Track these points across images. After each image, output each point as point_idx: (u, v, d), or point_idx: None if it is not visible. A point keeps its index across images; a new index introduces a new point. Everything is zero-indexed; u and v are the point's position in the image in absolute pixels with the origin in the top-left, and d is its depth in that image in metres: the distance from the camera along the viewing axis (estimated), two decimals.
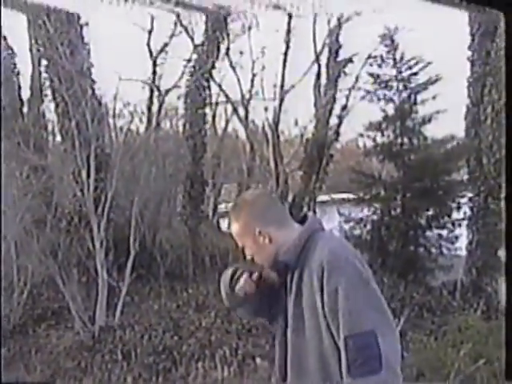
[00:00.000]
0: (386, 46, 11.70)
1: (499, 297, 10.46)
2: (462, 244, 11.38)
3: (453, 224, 11.29)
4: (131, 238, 10.39)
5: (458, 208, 11.36)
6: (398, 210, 11.37)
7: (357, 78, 12.89)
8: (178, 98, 13.84)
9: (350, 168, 12.90)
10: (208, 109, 13.96)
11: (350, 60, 13.17)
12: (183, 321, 9.71)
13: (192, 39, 13.67)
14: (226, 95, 14.35)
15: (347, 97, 13.22)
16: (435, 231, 11.34)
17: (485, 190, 10.96)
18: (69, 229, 11.27)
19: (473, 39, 11.42)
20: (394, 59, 11.61)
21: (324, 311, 2.19)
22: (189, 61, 13.62)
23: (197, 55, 13.46)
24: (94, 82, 11.77)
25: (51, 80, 11.83)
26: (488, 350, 6.81)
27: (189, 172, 13.06)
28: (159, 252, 12.06)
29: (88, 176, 10.14)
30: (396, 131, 11.48)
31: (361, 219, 11.66)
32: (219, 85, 13.97)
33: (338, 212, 11.87)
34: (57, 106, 11.81)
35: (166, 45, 14.21)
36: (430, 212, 11.32)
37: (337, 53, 13.32)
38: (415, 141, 11.55)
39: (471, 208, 11.34)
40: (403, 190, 11.27)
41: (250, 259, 2.41)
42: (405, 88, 11.56)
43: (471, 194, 11.32)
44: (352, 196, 12.24)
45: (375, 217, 11.56)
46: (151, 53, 14.23)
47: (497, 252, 10.98)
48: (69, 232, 11.22)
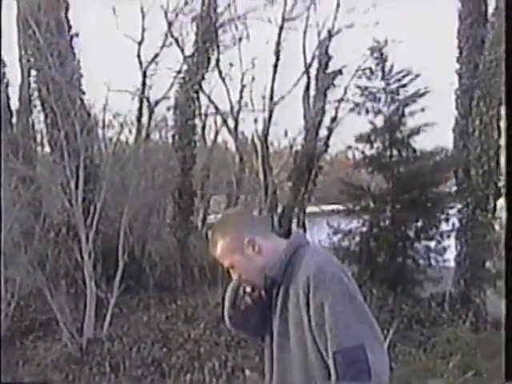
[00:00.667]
0: (376, 59, 11.75)
1: (488, 308, 10.49)
2: (451, 255, 11.40)
3: (441, 235, 11.31)
4: (120, 250, 10.35)
5: (447, 219, 11.37)
6: (387, 222, 11.37)
7: (345, 90, 12.98)
8: (168, 109, 13.84)
9: (339, 179, 12.91)
10: (197, 120, 13.98)
11: (340, 72, 13.26)
12: (172, 332, 9.67)
13: (182, 50, 13.71)
14: (216, 106, 14.38)
15: (336, 108, 13.31)
16: (424, 243, 11.35)
17: (473, 202, 11.01)
18: (57, 240, 11.23)
19: (461, 52, 11.51)
20: (383, 71, 11.66)
21: (310, 326, 2.18)
22: (179, 72, 13.65)
23: (187, 66, 13.49)
24: (84, 93, 11.78)
25: (40, 90, 11.82)
26: (477, 362, 6.84)
27: (178, 183, 13.05)
28: (148, 263, 12.02)
29: (77, 187, 10.11)
30: (385, 143, 11.50)
31: (350, 231, 11.65)
32: (209, 96, 14.01)
33: (327, 223, 11.87)
34: (46, 117, 11.78)
35: (156, 56, 14.21)
36: (419, 223, 11.33)
37: (326, 65, 13.40)
38: (404, 153, 11.57)
39: (459, 219, 11.38)
40: (392, 202, 11.28)
41: (238, 278, 2.41)
42: (393, 100, 11.59)
43: (460, 206, 11.35)
44: (341, 207, 12.24)
45: (364, 228, 11.56)
46: (141, 64, 14.23)
47: (485, 263, 11.02)
48: (57, 243, 11.18)
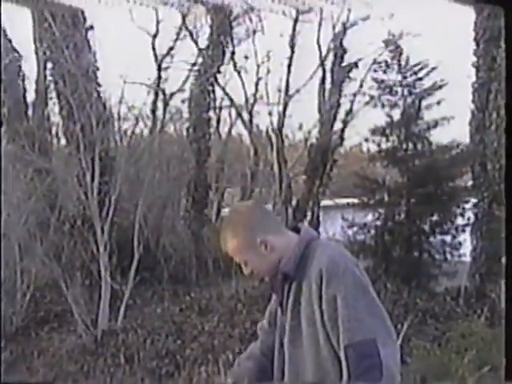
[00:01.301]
0: (391, 52, 11.67)
1: (503, 303, 10.42)
2: (466, 250, 11.33)
3: (456, 230, 11.24)
4: (135, 242, 10.40)
5: (462, 214, 11.31)
6: (402, 216, 11.31)
7: (361, 83, 12.90)
8: (183, 102, 13.86)
9: (354, 173, 12.85)
10: (212, 113, 13.98)
11: (355, 65, 13.17)
12: (186, 325, 9.69)
13: (197, 43, 13.70)
14: (231, 99, 14.35)
15: (352, 102, 13.23)
16: (439, 237, 11.28)
17: (489, 196, 10.92)
18: (72, 232, 11.29)
19: (478, 45, 11.40)
20: (399, 64, 11.57)
21: (322, 320, 2.17)
22: (194, 65, 13.64)
23: (202, 59, 13.48)
24: (99, 86, 11.83)
25: (56, 83, 11.87)
26: (492, 357, 6.77)
27: (192, 176, 13.07)
28: (162, 255, 12.05)
29: (92, 179, 10.16)
30: (400, 136, 11.43)
31: (364, 224, 11.61)
32: (223, 89, 13.98)
33: (342, 217, 11.83)
34: (61, 109, 11.84)
35: (171, 48, 14.20)
36: (434, 218, 11.27)
37: (342, 58, 13.32)
38: (420, 146, 11.50)
39: (475, 214, 11.29)
40: (407, 196, 11.22)
41: (250, 273, 2.39)
42: (409, 93, 11.51)
43: (475, 200, 11.27)
44: (356, 201, 12.19)
45: (379, 222, 11.51)
46: (156, 56, 14.24)
47: (501, 258, 10.94)
48: (72, 235, 11.24)
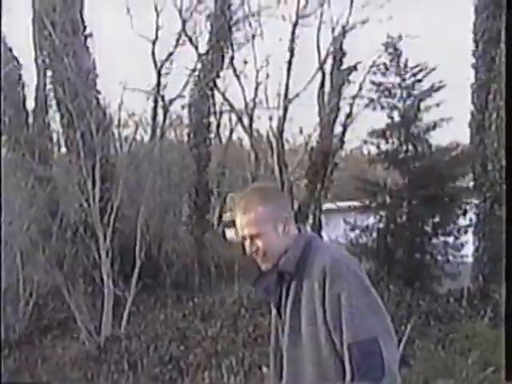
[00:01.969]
0: (390, 54, 11.70)
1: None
2: (469, 251, 11.32)
3: (458, 231, 11.24)
4: (137, 248, 10.40)
5: (464, 215, 11.31)
6: (404, 218, 11.32)
7: (360, 86, 12.91)
8: (183, 108, 13.88)
9: (355, 176, 12.87)
10: (212, 118, 14.01)
11: (354, 68, 13.18)
12: (189, 330, 9.69)
13: (196, 48, 13.72)
14: (231, 104, 14.35)
15: (351, 105, 13.23)
16: (441, 238, 11.29)
17: (490, 197, 10.92)
18: (74, 239, 11.29)
19: (477, 46, 11.41)
20: (398, 66, 11.60)
21: (325, 319, 2.17)
22: (193, 70, 13.66)
23: (201, 64, 13.50)
24: (99, 93, 11.85)
25: (56, 90, 11.89)
26: (496, 358, 6.75)
27: (194, 181, 13.07)
28: (165, 262, 12.05)
29: (93, 186, 10.17)
30: (401, 138, 11.45)
31: (366, 227, 11.63)
32: (223, 94, 13.99)
33: (344, 220, 11.84)
34: (62, 117, 11.88)
35: (171, 54, 14.23)
36: (436, 219, 11.27)
37: (341, 61, 13.33)
38: (420, 148, 11.52)
39: (477, 214, 11.29)
40: (408, 198, 11.23)
41: (255, 250, 2.30)
42: (409, 95, 11.53)
43: (477, 201, 11.28)
44: (357, 204, 12.20)
45: (381, 224, 11.52)
46: (155, 63, 14.26)
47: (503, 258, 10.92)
48: (74, 242, 11.24)
